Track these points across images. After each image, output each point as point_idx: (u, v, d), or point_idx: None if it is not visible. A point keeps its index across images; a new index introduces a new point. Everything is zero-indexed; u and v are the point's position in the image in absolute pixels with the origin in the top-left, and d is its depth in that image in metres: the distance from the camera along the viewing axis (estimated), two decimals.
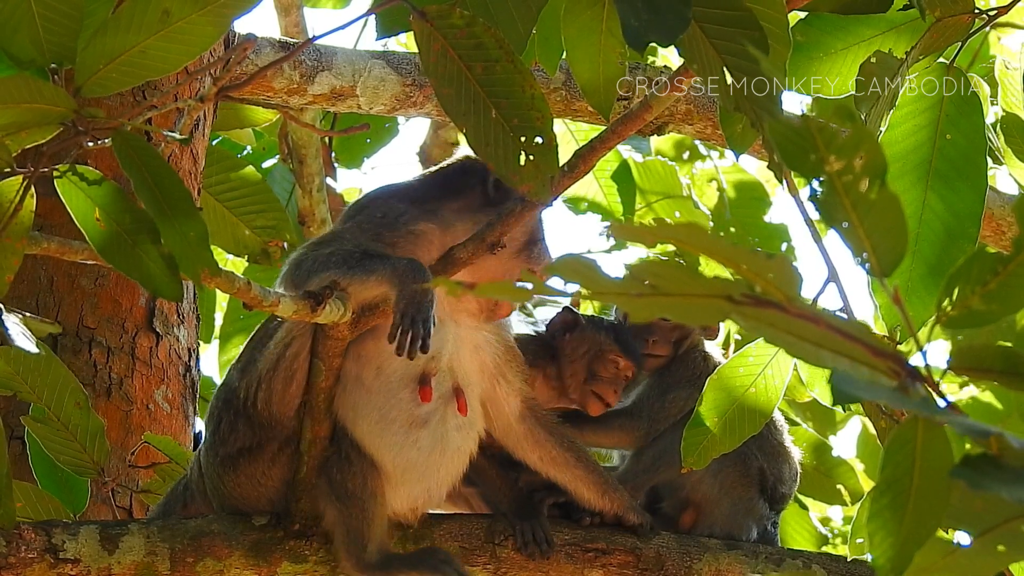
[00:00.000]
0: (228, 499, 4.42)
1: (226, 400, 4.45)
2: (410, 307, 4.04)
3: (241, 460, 4.39)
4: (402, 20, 3.76)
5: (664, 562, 4.48)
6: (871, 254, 2.11)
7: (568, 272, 1.91)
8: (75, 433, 4.70)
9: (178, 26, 3.34)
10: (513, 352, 4.59)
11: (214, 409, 4.49)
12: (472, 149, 3.60)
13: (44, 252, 3.70)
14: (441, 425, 4.38)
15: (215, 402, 4.50)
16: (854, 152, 1.98)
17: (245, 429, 4.39)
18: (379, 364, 4.33)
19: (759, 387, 4.49)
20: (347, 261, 4.16)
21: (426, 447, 4.37)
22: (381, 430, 4.34)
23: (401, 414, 4.36)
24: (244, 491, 4.40)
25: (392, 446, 4.35)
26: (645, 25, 3.28)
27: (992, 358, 2.31)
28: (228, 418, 4.42)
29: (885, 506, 2.31)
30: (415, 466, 4.37)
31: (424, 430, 4.38)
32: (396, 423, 4.35)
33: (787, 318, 2.02)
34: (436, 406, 4.38)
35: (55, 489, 4.80)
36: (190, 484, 4.58)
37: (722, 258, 1.94)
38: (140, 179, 3.34)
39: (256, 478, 4.38)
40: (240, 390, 4.40)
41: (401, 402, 4.37)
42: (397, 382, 4.37)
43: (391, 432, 4.35)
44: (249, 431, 4.39)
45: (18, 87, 3.25)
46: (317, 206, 7.57)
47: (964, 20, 4.06)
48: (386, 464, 4.35)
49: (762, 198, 8.82)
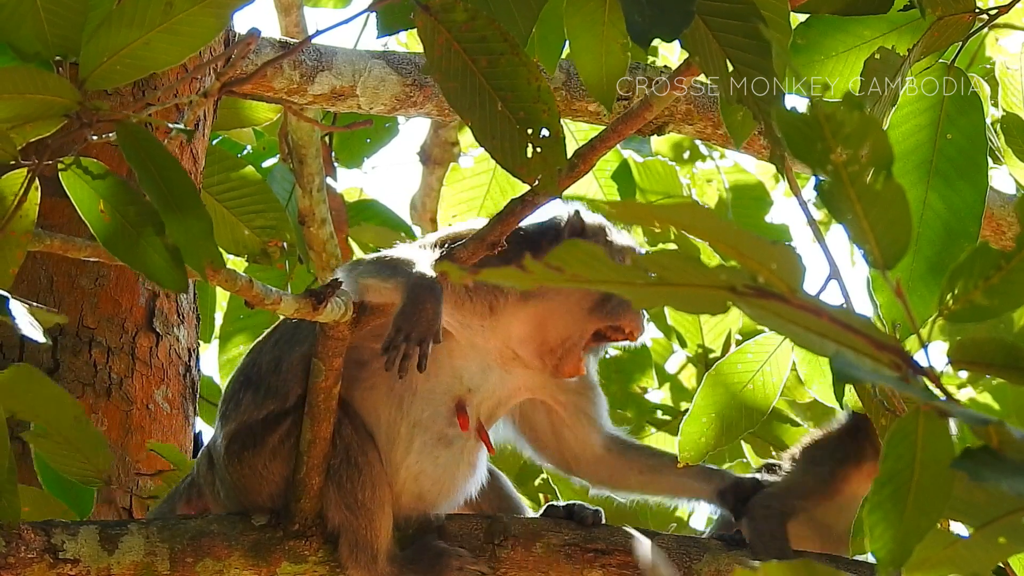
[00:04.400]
0: (233, 490, 4.41)
1: (245, 376, 4.45)
2: (407, 323, 4.00)
3: (245, 451, 4.38)
4: (403, 18, 3.76)
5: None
6: (874, 246, 2.11)
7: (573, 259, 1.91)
8: (78, 447, 4.68)
9: (180, 19, 3.35)
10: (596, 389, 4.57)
11: (230, 390, 4.49)
12: (479, 142, 3.60)
13: (47, 249, 3.70)
14: (461, 452, 4.40)
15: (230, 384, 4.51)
16: (860, 142, 1.98)
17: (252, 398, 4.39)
18: (431, 371, 4.30)
19: (757, 384, 4.50)
20: (381, 265, 4.16)
21: (442, 464, 4.37)
22: (410, 436, 4.34)
23: (434, 427, 4.36)
24: (247, 482, 4.39)
25: (413, 453, 4.35)
26: (649, 21, 3.29)
27: (992, 352, 2.32)
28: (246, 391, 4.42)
29: (885, 498, 2.31)
30: (426, 478, 4.37)
31: (447, 450, 4.38)
32: (427, 433, 4.35)
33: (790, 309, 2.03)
34: (462, 438, 4.39)
35: (61, 494, 4.79)
36: (196, 479, 4.58)
37: (725, 243, 1.93)
38: (145, 172, 3.35)
39: (258, 470, 4.37)
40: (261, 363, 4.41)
41: (438, 416, 4.37)
42: (441, 395, 4.37)
43: (418, 441, 4.35)
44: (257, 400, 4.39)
45: (23, 79, 3.26)
46: (317, 206, 7.57)
47: (964, 20, 4.06)
48: (400, 470, 4.35)
49: (763, 198, 8.82)
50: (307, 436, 4.30)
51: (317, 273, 7.74)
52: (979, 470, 2.06)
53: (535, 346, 4.38)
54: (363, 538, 4.28)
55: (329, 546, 4.35)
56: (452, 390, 4.38)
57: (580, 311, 4.34)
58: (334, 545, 4.33)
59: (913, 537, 2.28)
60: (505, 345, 4.40)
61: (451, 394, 4.38)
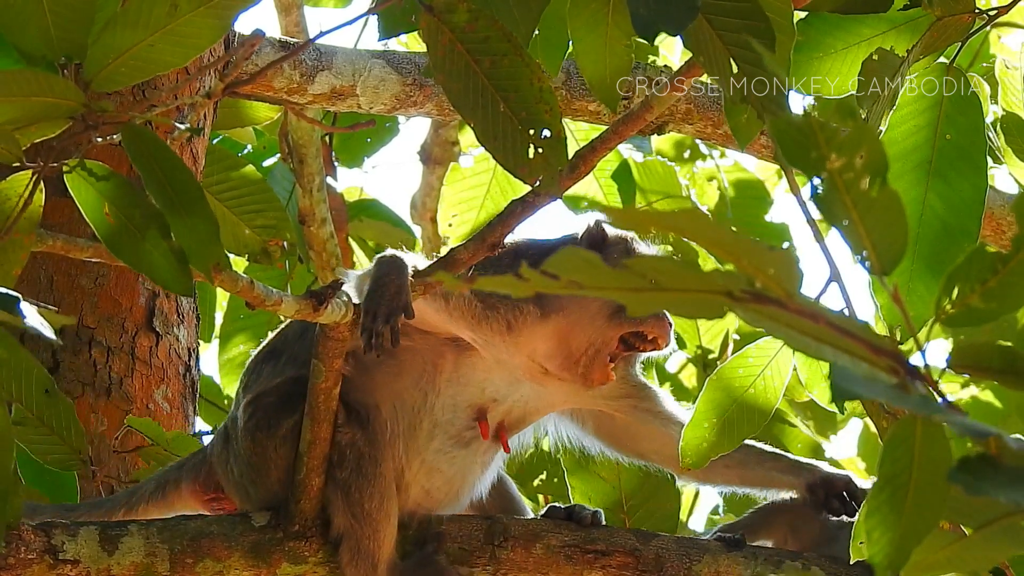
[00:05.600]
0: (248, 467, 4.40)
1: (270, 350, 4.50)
2: (374, 303, 4.01)
3: (259, 432, 4.37)
4: (404, 20, 3.76)
5: (664, 563, 4.47)
6: (871, 252, 2.11)
7: (569, 267, 1.91)
8: (51, 426, 4.65)
9: (184, 21, 3.35)
10: (647, 388, 4.60)
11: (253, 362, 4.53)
12: (480, 143, 3.60)
13: (50, 249, 3.70)
14: (476, 454, 4.42)
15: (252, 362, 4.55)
16: (855, 149, 1.98)
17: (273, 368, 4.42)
18: (459, 368, 4.32)
19: (758, 387, 4.48)
20: None
21: (457, 464, 4.40)
22: (431, 433, 4.36)
23: (453, 429, 4.39)
24: (259, 461, 4.38)
25: (431, 450, 4.37)
26: (654, 14, 3.28)
27: (991, 357, 2.31)
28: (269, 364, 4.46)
29: (883, 502, 2.31)
30: (439, 475, 4.39)
31: (464, 451, 4.40)
32: (447, 433, 4.37)
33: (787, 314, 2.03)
34: (479, 444, 4.42)
35: (45, 489, 4.78)
36: (209, 457, 4.56)
37: (723, 249, 1.93)
38: (150, 174, 3.35)
39: (268, 454, 4.37)
40: None
41: (458, 420, 4.40)
42: (463, 403, 4.39)
43: (438, 439, 4.36)
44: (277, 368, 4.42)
45: (28, 81, 3.26)
46: (317, 205, 7.56)
47: (964, 19, 4.06)
48: (414, 462, 4.36)
49: (763, 197, 8.81)
50: (307, 437, 4.30)
51: (317, 273, 7.74)
52: (976, 482, 2.06)
53: (561, 359, 4.38)
54: (365, 547, 4.28)
55: (329, 547, 4.35)
56: (474, 400, 4.40)
57: (600, 319, 4.34)
58: (335, 547, 4.33)
59: (911, 540, 2.28)
60: (531, 360, 4.40)
61: (473, 404, 4.41)
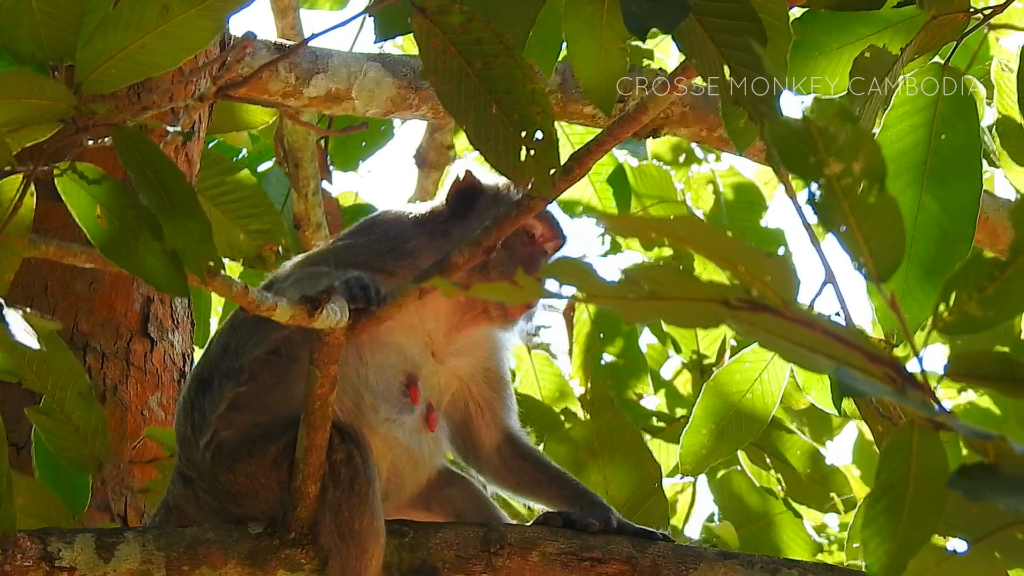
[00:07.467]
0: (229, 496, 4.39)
1: None
2: (348, 291, 4.04)
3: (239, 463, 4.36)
4: (400, 22, 3.75)
5: (660, 571, 4.46)
6: (868, 258, 2.10)
7: (563, 275, 1.89)
8: (77, 426, 4.68)
9: (176, 22, 3.34)
10: (506, 387, 4.64)
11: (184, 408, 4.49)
12: (473, 145, 3.60)
13: (43, 255, 3.68)
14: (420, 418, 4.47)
15: None
16: (853, 155, 1.96)
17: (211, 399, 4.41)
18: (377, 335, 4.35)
19: (755, 393, 4.47)
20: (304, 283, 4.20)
21: (409, 430, 4.43)
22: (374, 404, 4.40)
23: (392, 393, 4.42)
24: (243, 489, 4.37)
25: (379, 420, 4.39)
26: (646, 12, 3.29)
27: (989, 364, 2.30)
28: None
29: (880, 512, 2.30)
30: (398, 445, 4.42)
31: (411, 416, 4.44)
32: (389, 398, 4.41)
33: (783, 323, 2.01)
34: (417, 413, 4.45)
35: (56, 486, 4.79)
36: (171, 505, 4.51)
37: (719, 255, 1.92)
38: (142, 176, 3.34)
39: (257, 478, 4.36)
40: None
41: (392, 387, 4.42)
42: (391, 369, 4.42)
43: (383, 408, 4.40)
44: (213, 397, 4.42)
45: (19, 83, 3.25)
46: (313, 209, 7.55)
47: (959, 19, 4.05)
48: (373, 440, 4.37)
49: (758, 201, 8.82)
50: (303, 444, 4.28)
51: None
52: (976, 489, 2.04)
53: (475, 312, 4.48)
54: (351, 567, 4.27)
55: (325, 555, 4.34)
56: (400, 365, 4.44)
57: None
58: (324, 563, 4.32)
59: (908, 551, 2.27)
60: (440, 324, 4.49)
61: (400, 368, 4.45)
